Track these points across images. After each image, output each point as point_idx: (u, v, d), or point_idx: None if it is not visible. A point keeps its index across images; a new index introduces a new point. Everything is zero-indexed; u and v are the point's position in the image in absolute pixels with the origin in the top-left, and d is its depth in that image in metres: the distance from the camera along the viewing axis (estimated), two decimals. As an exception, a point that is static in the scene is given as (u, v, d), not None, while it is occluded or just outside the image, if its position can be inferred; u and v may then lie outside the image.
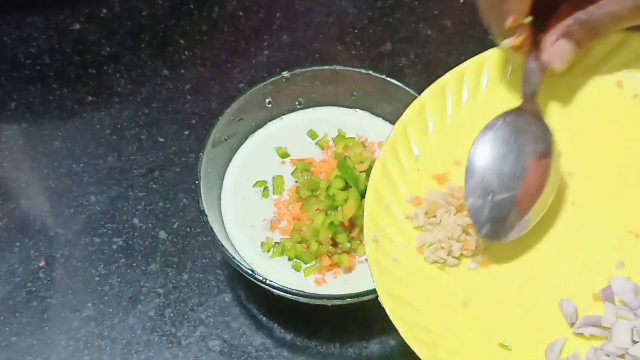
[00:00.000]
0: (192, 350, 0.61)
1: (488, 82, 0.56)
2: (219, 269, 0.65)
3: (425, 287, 0.53)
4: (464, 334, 0.51)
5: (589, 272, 0.52)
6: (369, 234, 0.53)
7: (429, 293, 0.52)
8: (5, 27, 0.79)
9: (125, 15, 0.80)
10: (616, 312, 0.50)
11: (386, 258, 0.53)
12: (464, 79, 0.56)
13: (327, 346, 0.61)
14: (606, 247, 0.53)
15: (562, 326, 0.51)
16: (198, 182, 0.60)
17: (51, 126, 0.73)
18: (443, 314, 0.52)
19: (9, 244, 0.66)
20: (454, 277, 0.53)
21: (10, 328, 0.62)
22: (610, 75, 0.56)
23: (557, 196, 0.54)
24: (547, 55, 0.53)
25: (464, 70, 0.56)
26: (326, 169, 0.63)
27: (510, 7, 0.51)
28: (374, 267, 0.52)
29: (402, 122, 0.56)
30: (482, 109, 0.56)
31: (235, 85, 0.75)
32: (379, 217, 0.54)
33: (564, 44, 0.53)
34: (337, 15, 0.80)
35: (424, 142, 0.56)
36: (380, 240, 0.53)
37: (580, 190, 0.54)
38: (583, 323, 0.50)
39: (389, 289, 0.51)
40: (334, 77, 0.66)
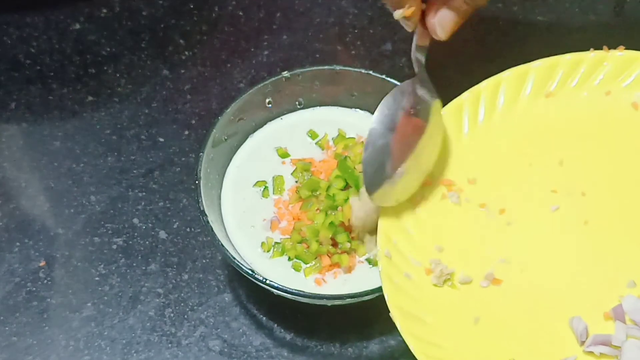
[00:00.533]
0: (192, 350, 0.61)
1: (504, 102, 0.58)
2: (219, 269, 0.65)
3: (437, 303, 0.53)
4: (474, 351, 0.51)
5: (600, 290, 0.52)
6: (382, 249, 0.54)
7: (441, 309, 0.53)
8: (5, 27, 0.79)
9: (125, 15, 0.80)
10: (627, 331, 0.50)
11: (398, 274, 0.53)
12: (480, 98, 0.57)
13: (327, 346, 0.61)
14: (618, 266, 0.53)
15: (572, 344, 0.51)
16: (198, 182, 0.60)
17: (51, 126, 0.73)
18: (454, 330, 0.52)
19: (9, 244, 0.66)
20: (465, 294, 0.53)
21: (10, 328, 0.62)
22: (626, 96, 0.57)
23: (570, 215, 0.55)
24: (431, 25, 0.57)
25: (480, 90, 0.57)
26: (326, 169, 0.63)
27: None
28: (385, 282, 0.52)
29: None
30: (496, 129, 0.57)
31: (235, 85, 0.75)
32: (392, 233, 0.54)
33: (445, 13, 0.56)
34: (337, 15, 0.80)
35: None
36: (393, 256, 0.54)
37: (593, 210, 0.55)
38: (593, 341, 0.50)
39: (400, 305, 0.52)
40: (334, 77, 0.66)
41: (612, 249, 0.53)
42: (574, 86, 0.58)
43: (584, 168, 0.56)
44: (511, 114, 0.58)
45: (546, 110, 0.58)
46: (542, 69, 0.58)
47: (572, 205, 0.55)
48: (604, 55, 0.58)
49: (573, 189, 0.56)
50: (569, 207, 0.55)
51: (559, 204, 0.55)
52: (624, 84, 0.57)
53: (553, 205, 0.55)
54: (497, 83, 0.58)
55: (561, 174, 0.56)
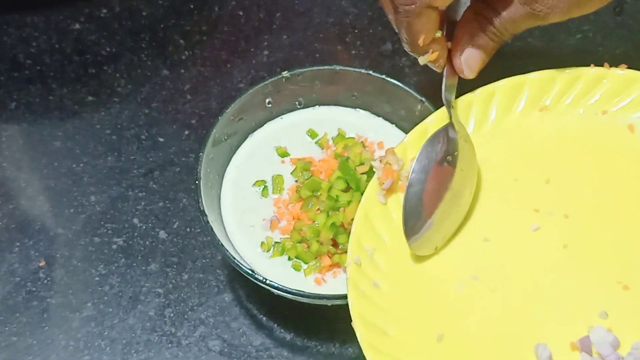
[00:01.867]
0: (192, 350, 0.61)
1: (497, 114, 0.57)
2: (219, 269, 0.65)
3: (402, 316, 0.52)
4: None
5: (570, 318, 0.51)
6: (352, 255, 0.53)
7: (405, 322, 0.52)
8: (5, 27, 0.79)
9: (125, 15, 0.80)
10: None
11: (366, 282, 0.52)
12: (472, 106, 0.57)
13: (327, 346, 0.61)
14: (591, 295, 0.51)
15: None
16: (198, 182, 0.60)
17: (51, 126, 0.73)
18: (416, 346, 0.51)
19: (9, 244, 0.66)
20: (432, 308, 0.52)
21: (10, 328, 0.62)
22: (623, 118, 0.55)
23: (550, 237, 0.53)
24: (457, 65, 0.56)
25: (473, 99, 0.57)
26: (326, 168, 0.63)
27: (419, 26, 0.53)
28: (351, 290, 0.52)
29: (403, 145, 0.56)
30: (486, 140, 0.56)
31: (235, 85, 0.75)
32: (365, 240, 0.54)
33: (471, 52, 0.55)
34: (337, 15, 0.80)
35: None
36: (363, 263, 0.53)
37: (574, 234, 0.53)
38: None
39: (364, 314, 0.51)
40: (334, 77, 0.66)
41: (587, 276, 0.52)
42: (569, 102, 0.56)
43: (570, 189, 0.54)
44: (502, 126, 0.56)
45: (539, 124, 0.56)
46: (539, 82, 0.56)
47: (553, 227, 0.53)
48: (604, 72, 0.56)
49: (556, 210, 0.54)
50: (549, 228, 0.54)
51: (540, 224, 0.54)
52: (622, 104, 0.55)
53: (533, 225, 0.54)
54: (491, 92, 0.56)
55: (546, 193, 0.55)
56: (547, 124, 0.56)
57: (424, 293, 0.53)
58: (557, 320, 0.51)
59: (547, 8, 0.51)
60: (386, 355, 0.50)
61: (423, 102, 0.62)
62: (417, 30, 0.53)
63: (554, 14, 0.51)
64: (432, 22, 0.53)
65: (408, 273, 0.53)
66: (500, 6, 0.53)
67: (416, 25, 0.53)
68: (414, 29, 0.53)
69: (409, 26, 0.53)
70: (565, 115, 0.56)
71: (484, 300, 0.52)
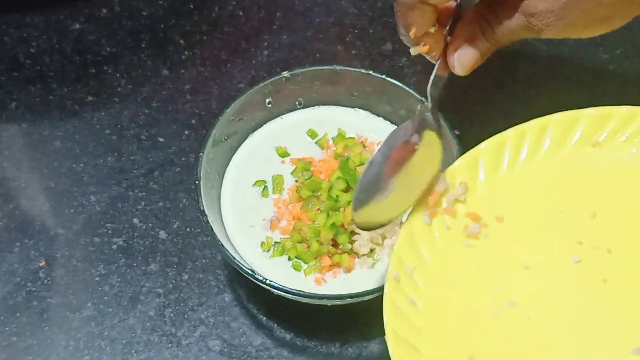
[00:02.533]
0: (192, 350, 0.61)
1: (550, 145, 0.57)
2: (219, 269, 0.65)
3: (436, 336, 0.52)
4: None
5: (604, 353, 0.51)
6: (392, 271, 0.53)
7: (438, 343, 0.52)
8: (5, 27, 0.79)
9: (125, 15, 0.80)
10: None
11: (403, 299, 0.53)
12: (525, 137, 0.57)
13: (327, 346, 0.61)
14: (627, 331, 0.51)
15: None
16: (198, 182, 0.60)
17: (51, 126, 0.73)
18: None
19: (9, 244, 0.66)
20: (467, 330, 0.53)
21: (10, 328, 0.62)
22: None
23: (591, 270, 0.54)
24: (451, 60, 0.56)
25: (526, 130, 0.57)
26: (326, 168, 0.63)
27: (412, 19, 0.54)
28: (388, 305, 0.52)
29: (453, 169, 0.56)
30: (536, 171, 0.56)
31: (235, 85, 0.75)
32: (407, 258, 0.54)
33: (467, 50, 0.56)
34: (337, 15, 0.80)
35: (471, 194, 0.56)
36: (402, 280, 0.53)
37: (615, 269, 0.53)
38: None
39: (397, 330, 0.51)
40: (334, 77, 0.66)
41: (624, 312, 0.52)
42: (623, 140, 0.56)
43: (616, 225, 0.54)
44: (554, 158, 0.56)
45: (590, 160, 0.56)
46: (594, 118, 0.56)
47: (595, 261, 0.54)
48: None
49: (600, 244, 0.54)
50: (591, 262, 0.54)
51: (582, 256, 0.54)
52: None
53: (575, 257, 0.54)
54: (545, 125, 0.56)
55: (591, 227, 0.55)
56: (598, 160, 0.56)
57: (459, 315, 0.53)
58: (590, 354, 0.51)
59: (543, 25, 0.52)
60: None
61: (423, 102, 0.62)
62: (409, 23, 0.54)
63: (548, 31, 0.52)
64: (426, 17, 0.54)
65: (446, 294, 0.54)
66: (502, 13, 0.53)
67: (409, 17, 0.54)
68: (406, 21, 0.54)
69: (402, 17, 0.54)
70: (617, 153, 0.56)
71: (518, 327, 0.52)
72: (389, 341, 0.51)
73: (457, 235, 0.55)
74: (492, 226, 0.55)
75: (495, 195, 0.56)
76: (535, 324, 0.53)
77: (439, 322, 0.53)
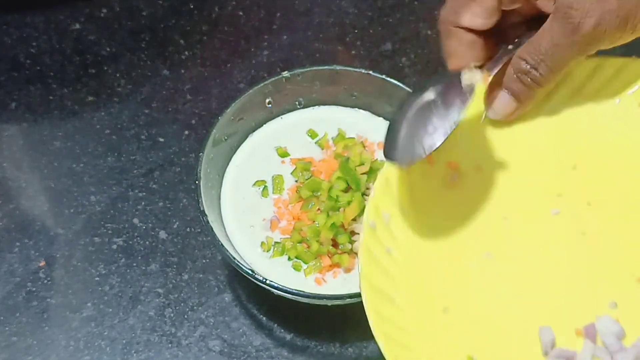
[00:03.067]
0: (192, 350, 0.61)
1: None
2: (219, 269, 0.65)
3: (411, 285, 0.52)
4: (436, 340, 0.50)
5: (579, 305, 0.51)
6: (368, 219, 0.52)
7: (413, 292, 0.52)
8: (5, 27, 0.79)
9: (125, 15, 0.80)
10: (593, 352, 0.49)
11: (379, 247, 0.52)
12: None
13: (327, 346, 0.61)
14: (604, 284, 0.51)
15: (536, 353, 0.50)
16: (198, 182, 0.60)
17: (51, 126, 0.73)
18: (421, 316, 0.51)
19: (9, 244, 0.66)
20: (441, 280, 0.52)
21: (10, 328, 0.62)
22: None
23: (569, 222, 0.53)
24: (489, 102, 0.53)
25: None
26: (326, 168, 0.63)
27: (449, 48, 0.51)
28: (364, 253, 0.51)
29: None
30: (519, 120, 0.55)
31: (235, 85, 0.75)
32: (384, 206, 0.53)
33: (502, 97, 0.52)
34: (337, 15, 0.80)
35: None
36: (379, 228, 0.52)
37: (594, 222, 0.53)
38: (557, 354, 0.49)
39: (372, 279, 0.51)
40: (334, 77, 0.66)
41: (602, 265, 0.52)
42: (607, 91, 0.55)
43: (597, 178, 0.54)
44: (536, 109, 0.55)
45: (574, 110, 0.56)
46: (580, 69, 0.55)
47: (574, 213, 0.54)
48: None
49: (580, 197, 0.54)
50: (570, 214, 0.54)
51: (561, 209, 0.54)
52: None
53: (554, 209, 0.54)
54: None
55: (571, 179, 0.54)
56: (582, 110, 0.55)
57: (435, 265, 0.53)
58: (566, 305, 0.51)
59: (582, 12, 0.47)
60: (389, 322, 0.50)
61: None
62: (448, 52, 0.50)
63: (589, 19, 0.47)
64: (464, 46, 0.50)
65: (423, 243, 0.53)
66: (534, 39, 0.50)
67: (446, 46, 0.50)
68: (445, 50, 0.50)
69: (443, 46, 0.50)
70: (601, 104, 0.55)
71: (494, 278, 0.52)
72: (363, 289, 0.50)
73: (435, 183, 0.54)
74: (470, 175, 0.55)
75: (475, 145, 0.55)
76: (511, 275, 0.52)
77: (414, 271, 0.52)
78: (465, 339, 0.51)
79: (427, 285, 0.52)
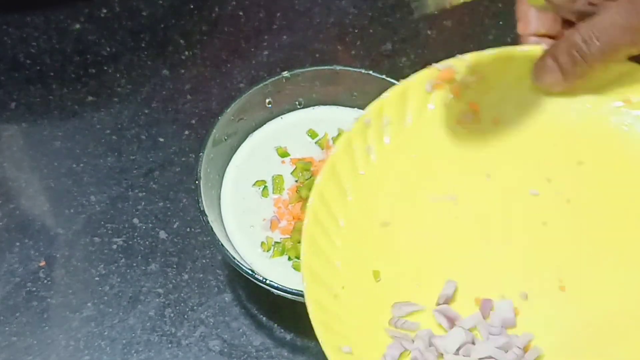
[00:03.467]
0: (192, 350, 0.61)
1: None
2: (219, 269, 0.65)
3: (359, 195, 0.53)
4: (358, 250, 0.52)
5: (495, 279, 0.51)
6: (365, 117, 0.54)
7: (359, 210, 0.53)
8: (5, 27, 0.79)
9: (125, 15, 0.80)
10: (476, 324, 0.50)
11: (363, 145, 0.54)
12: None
13: (327, 346, 0.61)
14: (527, 275, 0.51)
15: (431, 298, 0.51)
16: (198, 182, 0.60)
17: (51, 126, 0.73)
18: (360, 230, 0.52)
19: (9, 244, 0.66)
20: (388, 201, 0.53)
21: (10, 328, 0.62)
22: None
23: (537, 209, 0.53)
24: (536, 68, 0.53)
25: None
26: (326, 168, 0.63)
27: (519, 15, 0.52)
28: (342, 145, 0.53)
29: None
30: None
31: (235, 85, 0.75)
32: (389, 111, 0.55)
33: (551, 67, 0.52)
34: (337, 15, 0.80)
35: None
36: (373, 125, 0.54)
37: (560, 220, 0.53)
38: (443, 309, 0.50)
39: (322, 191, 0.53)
40: (334, 77, 0.66)
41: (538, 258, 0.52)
42: None
43: (594, 181, 0.53)
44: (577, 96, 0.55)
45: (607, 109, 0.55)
46: None
47: (549, 202, 0.53)
48: None
49: (565, 191, 0.53)
50: (544, 201, 0.53)
51: (541, 193, 0.53)
52: None
53: (535, 190, 0.53)
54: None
55: (570, 172, 0.54)
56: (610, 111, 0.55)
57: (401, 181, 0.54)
58: (483, 273, 0.52)
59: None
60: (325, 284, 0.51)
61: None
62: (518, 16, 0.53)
63: None
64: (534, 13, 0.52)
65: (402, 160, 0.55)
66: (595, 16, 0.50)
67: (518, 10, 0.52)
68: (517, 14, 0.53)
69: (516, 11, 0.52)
70: None
71: (443, 218, 0.53)
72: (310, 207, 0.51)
73: (450, 116, 0.55)
74: (484, 124, 0.55)
75: (505, 100, 0.55)
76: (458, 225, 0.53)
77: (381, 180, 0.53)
78: (389, 256, 0.52)
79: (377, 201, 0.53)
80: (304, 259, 0.50)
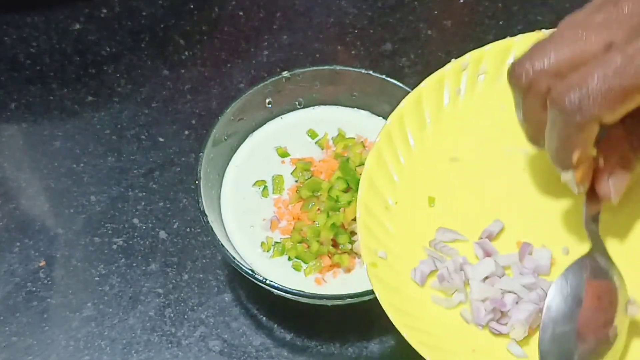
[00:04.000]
0: (192, 350, 0.61)
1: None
2: (219, 269, 0.65)
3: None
4: None
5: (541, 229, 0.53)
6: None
7: None
8: (5, 27, 0.79)
9: (125, 15, 0.80)
10: (510, 263, 0.51)
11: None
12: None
13: (327, 346, 0.61)
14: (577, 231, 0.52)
15: (476, 234, 0.52)
16: (198, 182, 0.60)
17: (51, 126, 0.73)
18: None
19: (9, 244, 0.66)
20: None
21: (10, 328, 0.62)
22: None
23: None
24: (605, 187, 0.49)
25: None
26: (326, 168, 0.63)
27: (578, 140, 0.46)
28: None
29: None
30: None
31: (235, 85, 0.75)
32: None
33: (621, 175, 0.49)
34: (337, 15, 0.80)
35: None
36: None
37: None
38: (483, 243, 0.52)
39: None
40: (334, 77, 0.66)
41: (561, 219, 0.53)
42: None
43: None
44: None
45: None
46: None
47: None
48: None
49: None
50: None
51: None
52: None
53: None
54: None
55: None
56: None
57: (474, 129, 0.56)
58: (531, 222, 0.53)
59: None
60: None
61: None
62: (575, 145, 0.46)
63: None
64: (592, 137, 0.46)
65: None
66: None
67: (576, 139, 0.46)
68: (571, 141, 0.46)
69: (569, 139, 0.46)
70: None
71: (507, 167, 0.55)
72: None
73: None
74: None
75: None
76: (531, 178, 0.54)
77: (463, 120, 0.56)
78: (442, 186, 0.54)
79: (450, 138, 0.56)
80: (367, 167, 0.53)
